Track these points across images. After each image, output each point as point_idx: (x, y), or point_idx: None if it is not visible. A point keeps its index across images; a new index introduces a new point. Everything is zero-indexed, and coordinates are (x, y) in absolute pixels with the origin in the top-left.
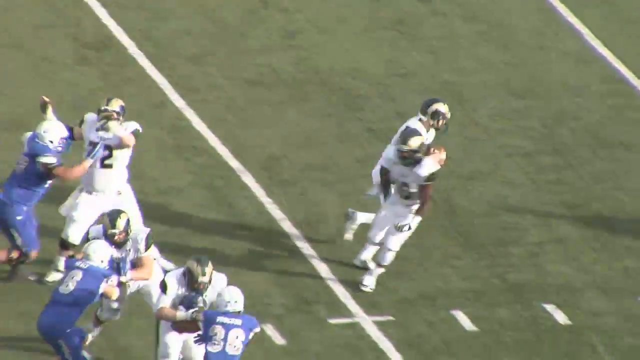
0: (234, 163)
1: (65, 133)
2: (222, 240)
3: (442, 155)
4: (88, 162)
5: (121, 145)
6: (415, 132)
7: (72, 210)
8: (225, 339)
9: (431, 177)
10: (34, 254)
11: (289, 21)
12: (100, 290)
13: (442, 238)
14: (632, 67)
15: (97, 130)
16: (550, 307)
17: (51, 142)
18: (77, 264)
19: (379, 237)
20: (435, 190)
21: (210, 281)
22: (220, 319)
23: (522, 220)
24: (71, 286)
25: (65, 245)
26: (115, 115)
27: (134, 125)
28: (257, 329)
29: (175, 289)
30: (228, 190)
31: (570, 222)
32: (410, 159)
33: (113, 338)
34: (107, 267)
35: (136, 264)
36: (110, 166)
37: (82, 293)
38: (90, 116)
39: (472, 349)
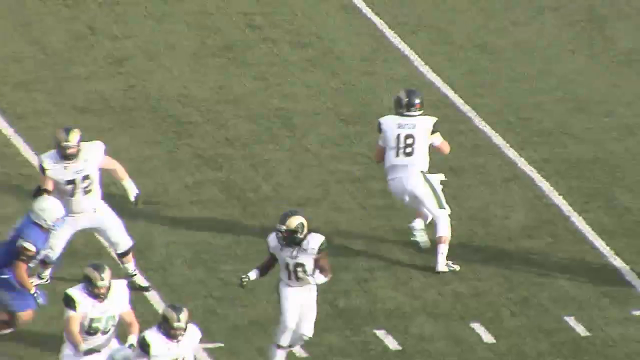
0: None
1: (62, 212)
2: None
3: None
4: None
5: (97, 168)
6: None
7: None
8: None
9: (323, 246)
10: None
11: (117, 48)
12: None
13: None
14: (461, 92)
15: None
16: (380, 333)
17: (45, 221)
18: None
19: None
20: (267, 217)
21: (110, 286)
22: None
23: (353, 246)
24: None
25: (44, 263)
26: None
27: (100, 145)
28: None
29: (84, 302)
30: None
31: (399, 247)
32: (290, 238)
33: None
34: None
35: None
36: (90, 191)
37: None
38: (49, 157)
39: None
